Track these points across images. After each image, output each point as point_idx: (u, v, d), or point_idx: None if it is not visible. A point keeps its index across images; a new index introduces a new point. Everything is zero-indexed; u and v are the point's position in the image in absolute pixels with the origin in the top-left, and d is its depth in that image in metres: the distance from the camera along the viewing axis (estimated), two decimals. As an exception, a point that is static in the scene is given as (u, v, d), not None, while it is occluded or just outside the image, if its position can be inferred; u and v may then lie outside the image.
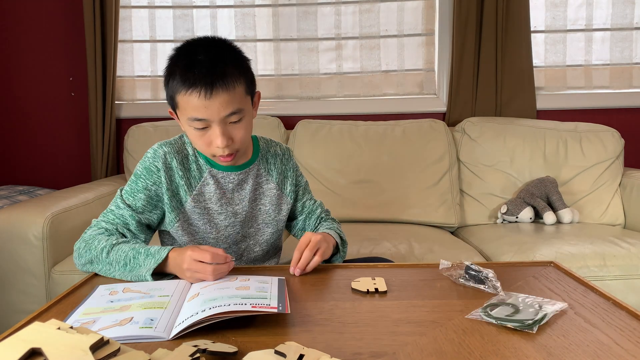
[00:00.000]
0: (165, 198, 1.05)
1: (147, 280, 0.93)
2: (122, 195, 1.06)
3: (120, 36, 2.40)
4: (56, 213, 1.62)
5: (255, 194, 1.13)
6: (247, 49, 2.44)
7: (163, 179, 1.05)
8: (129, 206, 1.04)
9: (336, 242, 1.11)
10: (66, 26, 2.41)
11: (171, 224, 1.07)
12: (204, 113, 0.95)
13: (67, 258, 1.65)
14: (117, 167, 2.44)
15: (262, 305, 0.72)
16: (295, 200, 1.21)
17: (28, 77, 2.45)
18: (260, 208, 1.14)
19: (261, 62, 2.47)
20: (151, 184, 1.05)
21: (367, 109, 2.43)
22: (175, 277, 0.95)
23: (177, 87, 0.96)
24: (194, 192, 1.07)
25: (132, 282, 0.94)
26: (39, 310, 0.80)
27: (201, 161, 1.09)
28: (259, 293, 0.79)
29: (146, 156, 1.07)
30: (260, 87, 2.45)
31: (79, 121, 2.47)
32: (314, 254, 0.99)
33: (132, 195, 1.05)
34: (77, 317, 0.76)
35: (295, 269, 0.98)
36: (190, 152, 1.09)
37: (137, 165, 1.07)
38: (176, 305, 0.80)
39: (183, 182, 1.06)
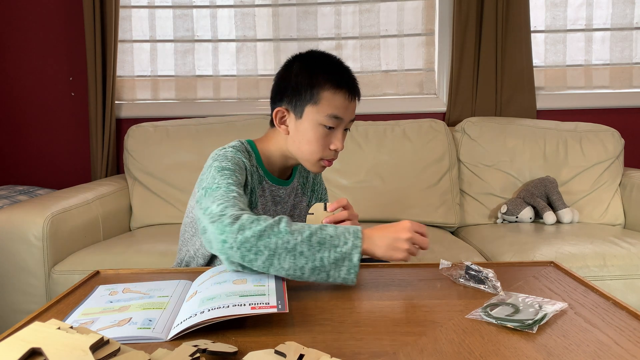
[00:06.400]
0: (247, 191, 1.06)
1: (354, 259, 0.82)
2: (228, 187, 0.94)
3: (120, 36, 2.40)
4: (56, 213, 1.62)
5: (292, 210, 1.19)
6: (247, 49, 2.48)
7: (247, 173, 1.05)
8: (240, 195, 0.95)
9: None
10: (66, 26, 2.41)
11: None
12: (344, 113, 1.05)
13: (67, 258, 1.65)
14: (117, 167, 2.44)
15: (261, 305, 0.72)
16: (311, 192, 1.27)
17: (28, 77, 2.45)
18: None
19: (261, 62, 2.47)
20: (242, 178, 1.02)
21: (367, 109, 2.43)
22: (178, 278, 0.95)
23: (325, 83, 1.03)
24: (254, 197, 1.09)
25: (315, 262, 0.81)
26: (39, 310, 0.80)
27: (261, 172, 1.10)
28: (256, 288, 0.78)
29: (227, 153, 1.02)
30: (260, 87, 2.48)
31: (79, 121, 2.47)
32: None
33: (237, 186, 0.96)
34: (76, 317, 0.76)
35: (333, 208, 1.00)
36: (250, 162, 1.07)
37: (220, 162, 0.99)
38: (175, 305, 0.79)
39: (249, 187, 1.07)
